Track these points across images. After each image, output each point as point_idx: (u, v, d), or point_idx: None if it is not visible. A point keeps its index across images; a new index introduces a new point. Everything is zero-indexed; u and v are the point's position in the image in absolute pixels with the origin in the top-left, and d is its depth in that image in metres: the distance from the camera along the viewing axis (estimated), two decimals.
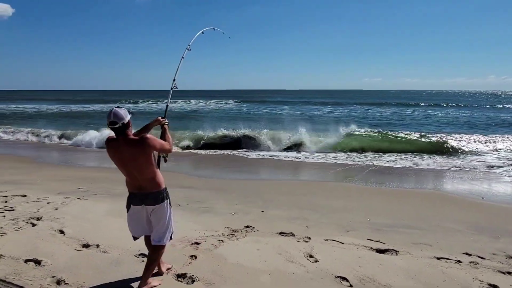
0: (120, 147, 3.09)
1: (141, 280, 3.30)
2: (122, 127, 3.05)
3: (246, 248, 4.44)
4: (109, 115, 3.02)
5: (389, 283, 3.60)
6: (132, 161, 3.10)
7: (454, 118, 29.78)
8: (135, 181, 3.20)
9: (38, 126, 20.74)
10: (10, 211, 5.49)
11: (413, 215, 6.44)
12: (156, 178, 3.22)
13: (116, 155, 3.14)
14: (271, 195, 7.62)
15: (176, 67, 4.29)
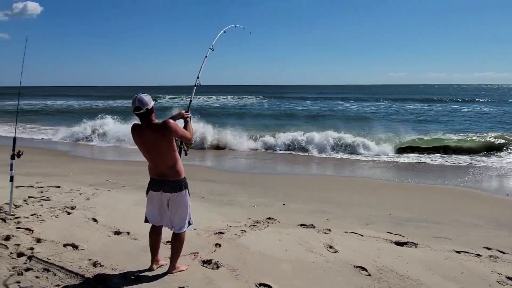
0: (144, 132, 3.26)
1: (170, 265, 3.52)
2: (146, 113, 3.21)
3: (267, 238, 4.62)
4: (134, 101, 3.19)
5: (407, 274, 3.70)
6: (154, 145, 3.25)
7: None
8: (157, 167, 3.34)
9: (68, 122, 21.30)
10: (46, 201, 5.85)
11: (434, 210, 6.46)
12: (177, 166, 3.35)
13: (140, 140, 3.30)
14: (292, 189, 7.77)
15: (200, 65, 4.48)
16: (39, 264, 3.57)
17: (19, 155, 5.06)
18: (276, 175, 10.06)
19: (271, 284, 3.35)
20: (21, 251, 3.83)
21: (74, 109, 37.02)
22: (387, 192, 7.75)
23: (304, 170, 11.05)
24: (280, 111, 32.91)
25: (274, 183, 8.44)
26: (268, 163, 11.76)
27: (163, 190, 3.36)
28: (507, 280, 3.65)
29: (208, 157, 12.69)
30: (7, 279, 3.25)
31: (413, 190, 8.01)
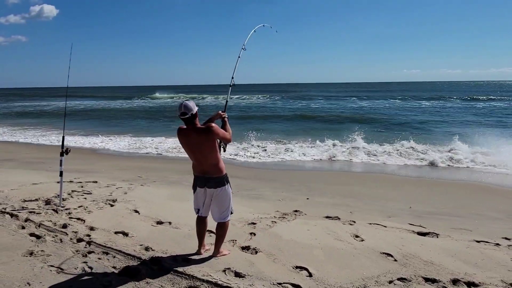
0: (189, 134, 3.57)
1: (214, 250, 3.90)
2: (191, 117, 3.53)
3: (297, 228, 4.97)
4: (180, 107, 3.51)
5: (431, 259, 4.00)
6: (199, 147, 3.57)
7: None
8: (201, 165, 3.67)
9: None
10: (88, 194, 6.33)
11: (454, 204, 6.72)
12: (219, 165, 3.68)
13: (185, 142, 3.63)
14: (315, 184, 8.11)
15: (234, 66, 4.70)
16: (98, 248, 4.00)
17: (67, 152, 5.53)
18: (298, 171, 10.42)
19: (307, 267, 3.70)
20: (79, 237, 4.28)
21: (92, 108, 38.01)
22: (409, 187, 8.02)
23: (325, 166, 11.34)
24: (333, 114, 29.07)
25: (297, 178, 8.80)
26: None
27: (207, 186, 3.70)
28: None
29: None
30: (74, 260, 3.68)
31: (434, 185, 8.27)
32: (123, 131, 18.86)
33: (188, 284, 3.25)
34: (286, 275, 3.52)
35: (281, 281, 3.39)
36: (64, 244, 4.10)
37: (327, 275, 3.56)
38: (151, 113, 32.08)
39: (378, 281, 3.47)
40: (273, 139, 15.20)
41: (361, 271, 3.67)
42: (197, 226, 3.95)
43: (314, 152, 12.67)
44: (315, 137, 14.81)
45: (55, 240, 4.19)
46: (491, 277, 3.60)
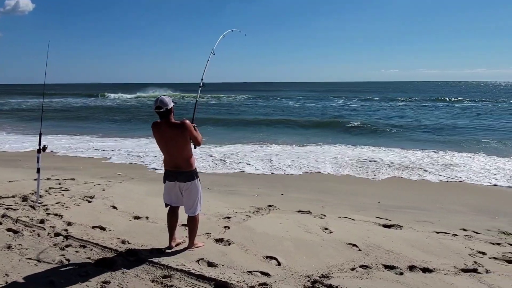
0: (163, 128, 3.70)
1: (189, 243, 4.07)
2: (165, 112, 3.64)
3: (270, 221, 5.20)
4: (156, 101, 3.64)
5: (392, 249, 4.30)
6: (172, 141, 3.69)
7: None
8: (173, 159, 3.79)
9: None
10: (66, 191, 6.39)
11: (422, 199, 7.10)
12: (190, 160, 3.82)
13: (159, 136, 3.75)
14: (290, 181, 8.37)
15: (203, 68, 4.84)
16: (76, 242, 4.12)
17: (44, 149, 5.58)
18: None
19: (276, 257, 3.93)
20: (57, 232, 4.38)
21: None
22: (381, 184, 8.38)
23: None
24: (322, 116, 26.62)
25: (273, 176, 9.04)
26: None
27: (177, 180, 3.84)
28: (477, 253, 4.26)
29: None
30: (52, 253, 3.80)
31: (407, 183, 8.65)
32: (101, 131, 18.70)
33: (162, 274, 3.43)
34: (256, 264, 3.74)
35: (251, 269, 3.60)
36: (41, 238, 4.20)
37: (294, 264, 3.80)
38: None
39: (342, 269, 3.73)
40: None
41: (327, 260, 3.93)
42: (168, 218, 4.09)
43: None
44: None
45: (32, 235, 4.28)
46: (445, 263, 3.92)
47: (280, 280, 3.41)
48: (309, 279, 3.45)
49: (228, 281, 3.28)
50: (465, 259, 4.05)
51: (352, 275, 3.60)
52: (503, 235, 4.99)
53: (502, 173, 9.09)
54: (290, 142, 14.48)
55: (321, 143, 14.05)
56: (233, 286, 3.23)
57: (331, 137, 15.70)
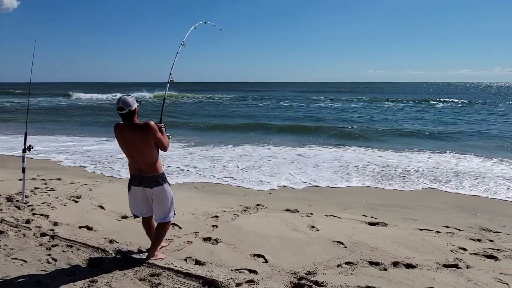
0: (125, 131, 3.43)
1: (149, 252, 3.73)
2: (128, 113, 3.37)
3: (258, 220, 5.25)
4: (118, 101, 3.35)
5: (377, 246, 4.39)
6: (134, 144, 3.42)
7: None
8: (136, 164, 3.52)
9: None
10: (52, 191, 6.33)
11: (406, 198, 7.24)
12: (156, 164, 3.54)
13: (121, 138, 3.48)
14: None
15: (172, 62, 4.47)
16: (62, 242, 4.10)
17: (29, 149, 5.53)
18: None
19: (263, 254, 3.98)
20: (43, 232, 4.35)
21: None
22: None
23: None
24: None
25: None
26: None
27: (143, 185, 3.57)
28: (459, 249, 4.39)
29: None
30: (38, 253, 3.78)
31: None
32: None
33: (150, 272, 3.45)
34: (243, 262, 3.78)
35: (239, 267, 3.65)
36: (27, 239, 4.17)
37: (281, 261, 3.86)
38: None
39: (327, 265, 3.80)
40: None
41: (313, 257, 4.00)
42: (145, 229, 3.90)
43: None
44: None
45: (18, 235, 4.24)
46: (428, 259, 4.03)
47: (267, 277, 3.47)
48: (295, 276, 3.51)
49: (216, 279, 3.32)
50: (447, 255, 4.17)
51: (337, 271, 3.67)
52: (484, 232, 5.14)
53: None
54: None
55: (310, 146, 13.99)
56: (221, 283, 3.26)
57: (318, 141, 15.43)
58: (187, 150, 12.43)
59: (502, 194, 7.46)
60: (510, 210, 6.42)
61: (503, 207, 6.67)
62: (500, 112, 28.65)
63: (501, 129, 18.45)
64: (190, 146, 13.48)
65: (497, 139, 15.44)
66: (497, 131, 17.90)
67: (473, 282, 3.50)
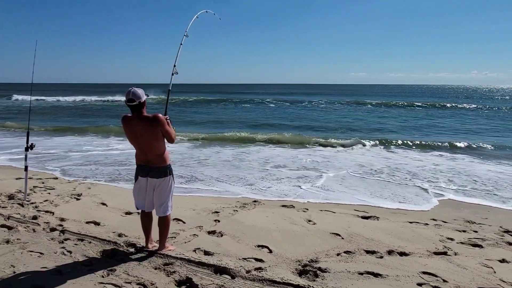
0: (134, 122, 3.49)
1: (159, 244, 3.88)
2: (138, 105, 3.44)
3: (257, 215, 5.48)
4: (128, 93, 3.40)
5: (371, 237, 4.69)
6: (143, 135, 3.49)
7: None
8: (144, 154, 3.60)
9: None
10: (52, 189, 6.41)
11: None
12: (163, 155, 3.62)
13: (129, 130, 3.54)
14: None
15: (176, 53, 4.42)
16: (73, 236, 4.24)
17: (32, 147, 5.62)
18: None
19: (267, 245, 4.22)
20: (52, 227, 4.48)
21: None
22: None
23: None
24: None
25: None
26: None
27: (149, 175, 3.63)
28: (447, 239, 4.73)
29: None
30: (52, 246, 3.91)
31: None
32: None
33: (163, 262, 3.64)
34: (249, 252, 4.02)
35: (246, 256, 3.88)
36: (38, 233, 4.29)
37: (285, 251, 4.11)
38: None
39: (328, 254, 4.07)
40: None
41: (313, 248, 4.26)
42: (141, 221, 3.94)
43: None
44: None
45: (28, 230, 4.36)
46: (419, 248, 4.34)
47: (274, 264, 3.71)
48: (300, 263, 3.76)
49: (227, 267, 3.54)
50: (436, 244, 4.50)
51: (338, 259, 3.94)
52: (468, 224, 5.51)
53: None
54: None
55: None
56: (232, 270, 3.48)
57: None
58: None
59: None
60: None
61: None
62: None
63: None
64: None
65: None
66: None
67: (462, 267, 3.83)
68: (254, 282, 3.32)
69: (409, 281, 3.45)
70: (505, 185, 7.99)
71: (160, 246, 3.89)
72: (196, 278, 3.31)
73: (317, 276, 3.49)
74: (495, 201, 6.91)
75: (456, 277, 3.57)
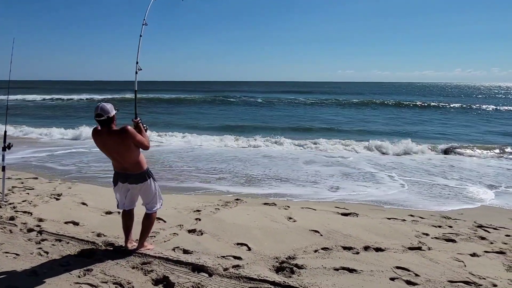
0: (104, 137, 3.49)
1: (139, 243, 3.87)
2: (107, 120, 3.42)
3: (238, 213, 5.52)
4: (97, 108, 3.39)
5: (349, 233, 4.78)
6: (114, 149, 3.51)
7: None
8: (120, 164, 3.63)
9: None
10: (31, 190, 6.33)
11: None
12: (138, 162, 3.63)
13: (100, 144, 3.55)
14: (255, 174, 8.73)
15: (137, 48, 4.08)
16: (51, 236, 4.21)
17: (9, 147, 5.54)
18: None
19: (246, 243, 4.27)
20: (30, 228, 4.44)
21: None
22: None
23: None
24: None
25: (238, 169, 9.36)
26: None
27: (128, 182, 3.67)
28: (422, 235, 4.85)
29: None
30: (28, 247, 3.88)
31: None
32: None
33: (141, 261, 3.65)
34: (228, 250, 4.06)
35: (224, 254, 3.92)
36: (15, 234, 4.25)
37: (263, 248, 4.16)
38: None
39: (306, 251, 4.14)
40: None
41: (292, 244, 4.33)
42: (122, 220, 3.94)
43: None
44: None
45: (4, 231, 4.31)
46: (395, 243, 4.45)
47: (252, 262, 3.76)
48: (277, 260, 3.82)
49: (205, 265, 3.57)
50: (412, 240, 4.62)
51: (315, 256, 4.02)
52: (444, 219, 5.65)
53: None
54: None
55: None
56: (209, 268, 3.52)
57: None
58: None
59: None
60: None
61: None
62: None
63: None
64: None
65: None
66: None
67: (434, 261, 3.94)
68: (231, 280, 3.37)
69: (382, 276, 3.55)
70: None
71: (139, 245, 3.90)
72: (173, 277, 3.34)
73: (293, 273, 3.55)
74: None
75: (428, 271, 3.68)
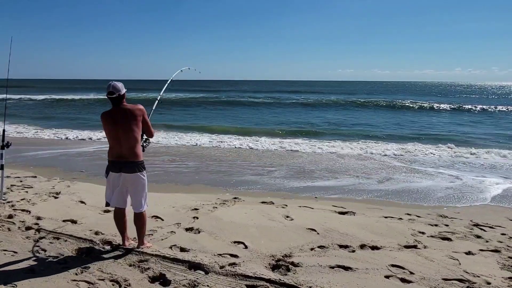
0: (114, 113, 3.61)
1: (138, 242, 3.93)
2: (118, 97, 3.60)
3: (236, 212, 5.55)
4: (108, 87, 3.56)
5: (346, 232, 4.81)
6: (122, 127, 3.57)
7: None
8: (118, 146, 3.61)
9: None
10: (30, 188, 6.36)
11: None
12: (136, 149, 3.66)
13: (110, 121, 3.61)
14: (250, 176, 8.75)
15: (163, 88, 5.26)
16: (49, 234, 4.24)
17: (8, 145, 5.56)
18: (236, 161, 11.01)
19: (243, 241, 4.29)
20: (28, 226, 4.47)
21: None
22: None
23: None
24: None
25: (237, 169, 9.38)
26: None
27: (122, 171, 3.65)
28: (418, 233, 4.87)
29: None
30: (26, 245, 3.91)
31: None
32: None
33: (139, 259, 3.68)
34: (225, 248, 4.08)
35: (221, 252, 3.95)
36: (13, 232, 4.28)
37: (260, 246, 4.19)
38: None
39: (302, 249, 4.17)
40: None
41: (289, 243, 4.35)
42: (115, 219, 3.94)
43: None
44: None
45: (3, 229, 4.34)
46: (391, 242, 4.48)
47: (248, 260, 3.78)
48: (273, 258, 3.84)
49: (201, 262, 3.60)
50: (408, 238, 4.64)
51: (311, 254, 4.04)
52: (441, 218, 5.68)
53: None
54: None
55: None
56: (206, 266, 3.55)
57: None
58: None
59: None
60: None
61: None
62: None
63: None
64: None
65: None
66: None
67: (429, 259, 3.97)
68: (227, 277, 3.39)
69: (377, 274, 3.57)
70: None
71: (139, 243, 3.94)
72: (169, 274, 3.37)
73: (289, 270, 3.58)
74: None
75: (423, 269, 3.70)
